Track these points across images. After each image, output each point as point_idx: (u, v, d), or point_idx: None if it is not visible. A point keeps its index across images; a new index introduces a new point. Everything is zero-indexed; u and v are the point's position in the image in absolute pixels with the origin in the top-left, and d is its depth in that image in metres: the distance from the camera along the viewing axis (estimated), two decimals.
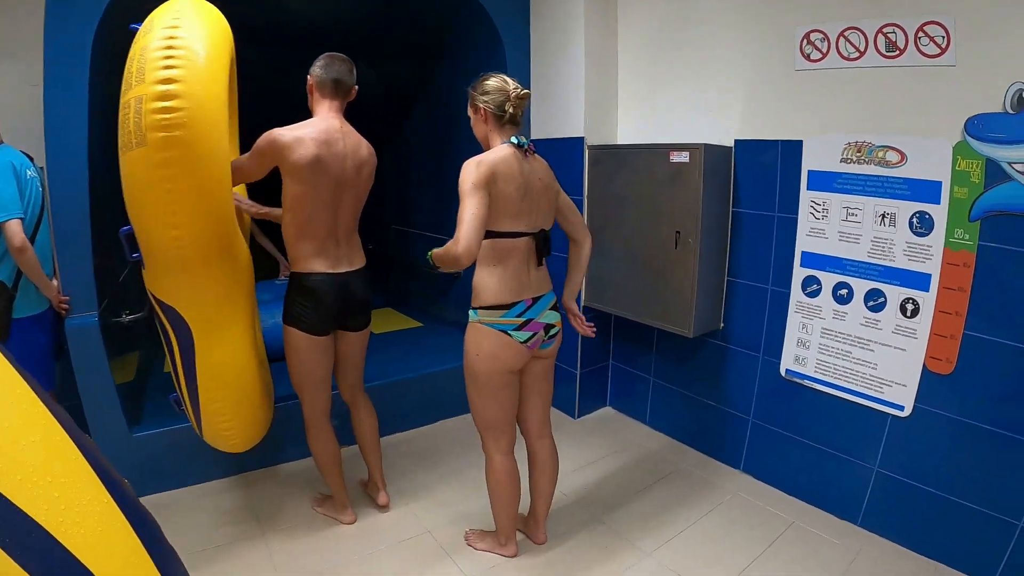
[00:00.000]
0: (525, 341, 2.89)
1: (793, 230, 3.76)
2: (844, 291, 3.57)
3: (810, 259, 3.70)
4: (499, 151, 2.76)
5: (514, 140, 2.81)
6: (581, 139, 4.68)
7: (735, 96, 4.00)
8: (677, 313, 4.08)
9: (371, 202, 3.46)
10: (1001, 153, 2.92)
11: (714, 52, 4.10)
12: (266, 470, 4.24)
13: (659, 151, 4.05)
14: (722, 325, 4.23)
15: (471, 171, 2.63)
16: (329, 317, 3.27)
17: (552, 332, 3.01)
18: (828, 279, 3.64)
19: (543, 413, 3.25)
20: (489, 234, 2.73)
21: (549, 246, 2.96)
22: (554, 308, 3.02)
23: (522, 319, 2.87)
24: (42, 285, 3.43)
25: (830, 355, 3.69)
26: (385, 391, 4.39)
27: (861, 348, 3.55)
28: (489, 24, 4.91)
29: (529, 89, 4.74)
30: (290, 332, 3.25)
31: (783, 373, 3.93)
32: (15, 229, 3.22)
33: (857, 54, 3.39)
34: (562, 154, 4.79)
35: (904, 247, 3.30)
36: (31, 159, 3.56)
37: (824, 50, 3.52)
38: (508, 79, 2.83)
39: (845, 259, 3.55)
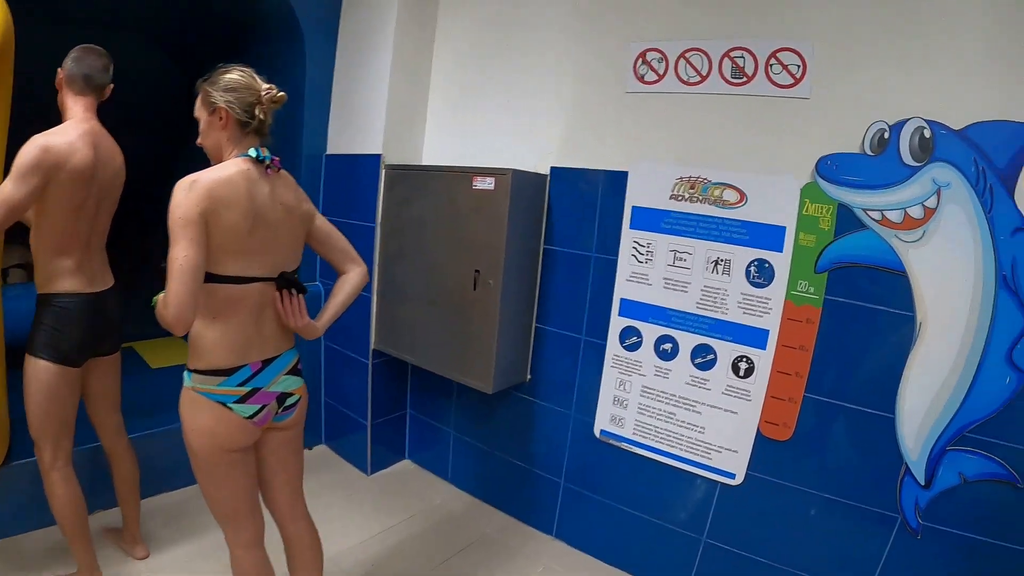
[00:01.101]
0: (251, 416, 2.15)
1: (612, 274, 3.11)
2: (668, 345, 2.97)
3: (630, 307, 3.07)
4: (224, 168, 2.02)
5: (252, 152, 2.08)
6: (378, 157, 3.87)
7: (556, 117, 3.33)
8: (475, 365, 3.35)
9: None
10: (856, 199, 2.49)
11: (537, 66, 3.43)
12: None
13: (461, 175, 3.32)
14: (529, 377, 3.53)
15: (180, 198, 1.90)
16: (85, 343, 2.73)
17: (289, 402, 2.28)
18: (650, 331, 3.02)
19: (293, 492, 2.47)
20: (208, 277, 1.99)
21: (293, 293, 2.22)
22: (294, 371, 2.29)
23: (245, 389, 2.12)
24: None
25: (651, 416, 3.08)
26: (149, 443, 3.52)
27: (687, 410, 2.96)
28: (291, 17, 4.08)
29: (329, 99, 4.15)
30: (37, 364, 2.61)
31: (598, 434, 3.28)
32: None
33: (698, 78, 2.83)
34: (357, 173, 4.05)
35: (739, 299, 2.76)
36: None
37: (661, 71, 2.94)
38: (256, 75, 2.12)
39: (670, 309, 2.95)
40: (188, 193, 1.89)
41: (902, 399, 2.47)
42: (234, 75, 2.08)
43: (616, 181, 3.06)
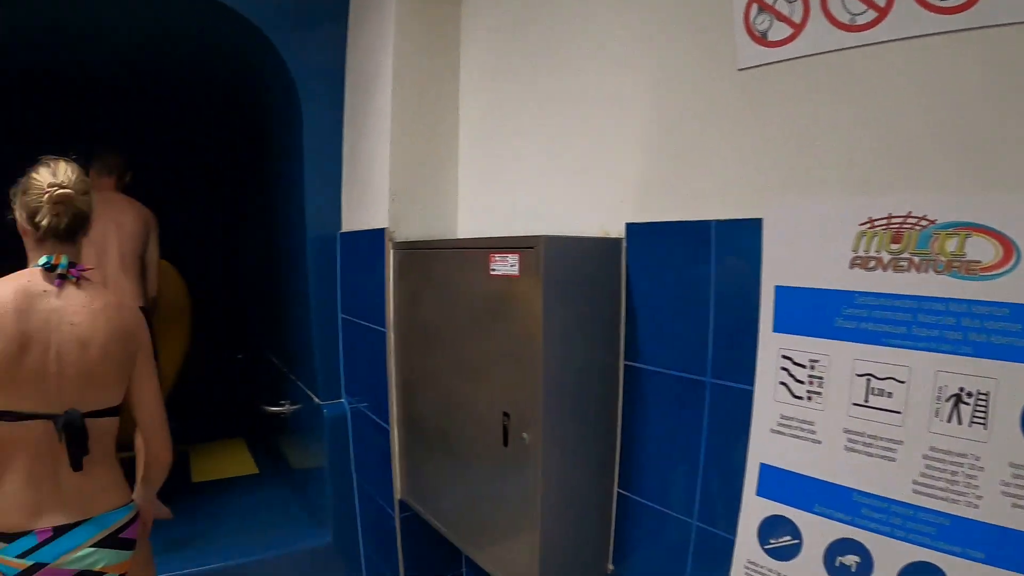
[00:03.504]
0: None
1: (744, 416, 1.51)
2: (853, 560, 1.36)
3: (778, 482, 1.47)
4: (6, 282, 1.63)
5: (42, 260, 1.67)
6: (382, 232, 2.53)
7: (626, 143, 1.84)
8: (515, 552, 1.89)
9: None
10: None
11: (589, 74, 1.99)
12: None
13: (474, 254, 1.95)
14: (611, 568, 1.96)
15: None
16: None
17: None
18: (817, 529, 1.41)
19: None
20: None
21: (87, 439, 1.67)
22: (111, 542, 1.72)
23: (26, 563, 1.60)
24: None
25: None
26: None
27: None
28: (284, 73, 2.95)
29: (339, 166, 3.02)
30: None
31: None
32: None
33: (872, 14, 1.30)
34: (363, 255, 2.78)
35: (1008, 475, 1.16)
36: None
37: (796, 17, 1.42)
38: (61, 167, 1.69)
39: (859, 492, 1.34)
40: None
41: None
42: (34, 173, 1.70)
43: (740, 238, 1.51)
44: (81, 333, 1.67)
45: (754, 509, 1.49)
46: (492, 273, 1.81)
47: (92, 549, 1.69)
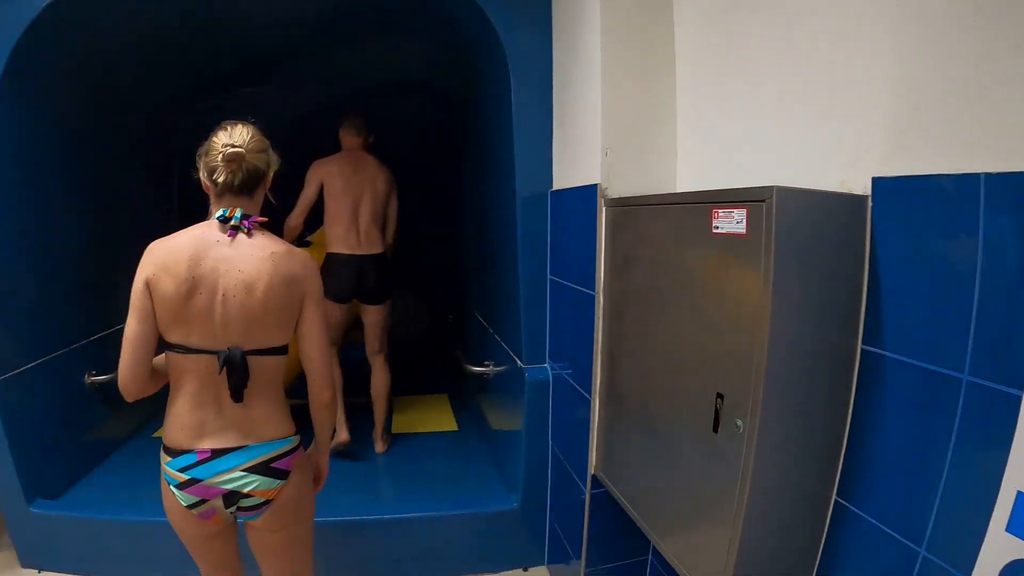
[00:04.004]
0: (191, 506, 1.86)
1: (1005, 426, 1.18)
2: None
3: None
4: (183, 232, 1.83)
5: (219, 214, 1.83)
6: (594, 188, 2.38)
7: (874, 76, 1.50)
8: (707, 551, 1.71)
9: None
10: None
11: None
12: None
13: (694, 209, 1.74)
14: None
15: (140, 264, 1.80)
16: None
17: (247, 503, 1.88)
18: None
19: None
20: (167, 344, 1.83)
21: (246, 374, 1.81)
22: (262, 469, 1.87)
23: (185, 476, 1.83)
24: None
25: None
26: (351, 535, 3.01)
27: None
28: (489, 29, 2.93)
29: (550, 122, 2.96)
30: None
31: None
32: None
33: None
34: (574, 214, 2.66)
35: None
36: None
37: None
38: (237, 130, 1.85)
39: None
40: (142, 260, 1.79)
41: None
42: (214, 136, 1.86)
43: (1018, 197, 1.18)
44: (247, 278, 1.78)
45: (999, 547, 1.19)
46: (714, 232, 1.61)
47: (243, 473, 1.85)
